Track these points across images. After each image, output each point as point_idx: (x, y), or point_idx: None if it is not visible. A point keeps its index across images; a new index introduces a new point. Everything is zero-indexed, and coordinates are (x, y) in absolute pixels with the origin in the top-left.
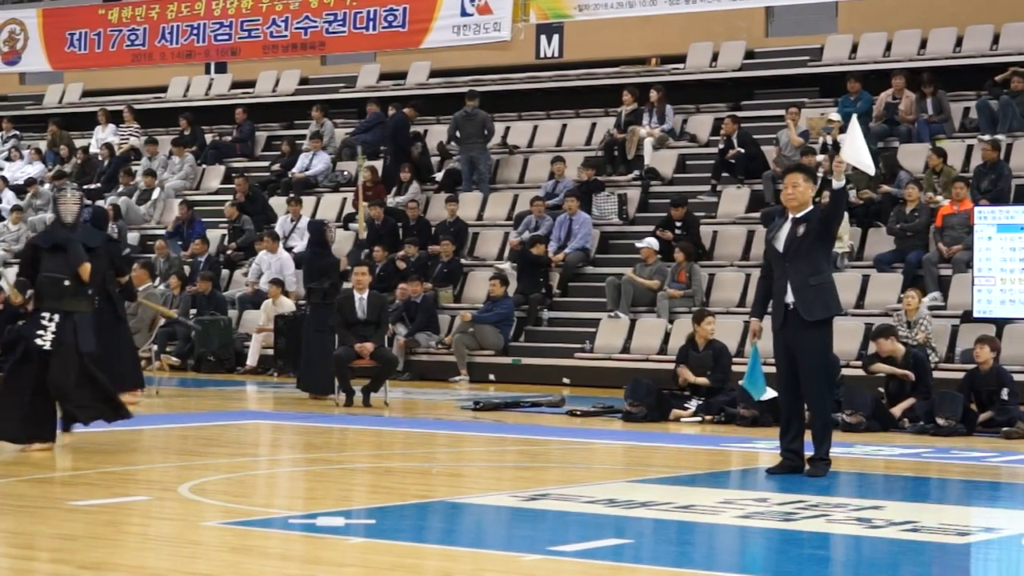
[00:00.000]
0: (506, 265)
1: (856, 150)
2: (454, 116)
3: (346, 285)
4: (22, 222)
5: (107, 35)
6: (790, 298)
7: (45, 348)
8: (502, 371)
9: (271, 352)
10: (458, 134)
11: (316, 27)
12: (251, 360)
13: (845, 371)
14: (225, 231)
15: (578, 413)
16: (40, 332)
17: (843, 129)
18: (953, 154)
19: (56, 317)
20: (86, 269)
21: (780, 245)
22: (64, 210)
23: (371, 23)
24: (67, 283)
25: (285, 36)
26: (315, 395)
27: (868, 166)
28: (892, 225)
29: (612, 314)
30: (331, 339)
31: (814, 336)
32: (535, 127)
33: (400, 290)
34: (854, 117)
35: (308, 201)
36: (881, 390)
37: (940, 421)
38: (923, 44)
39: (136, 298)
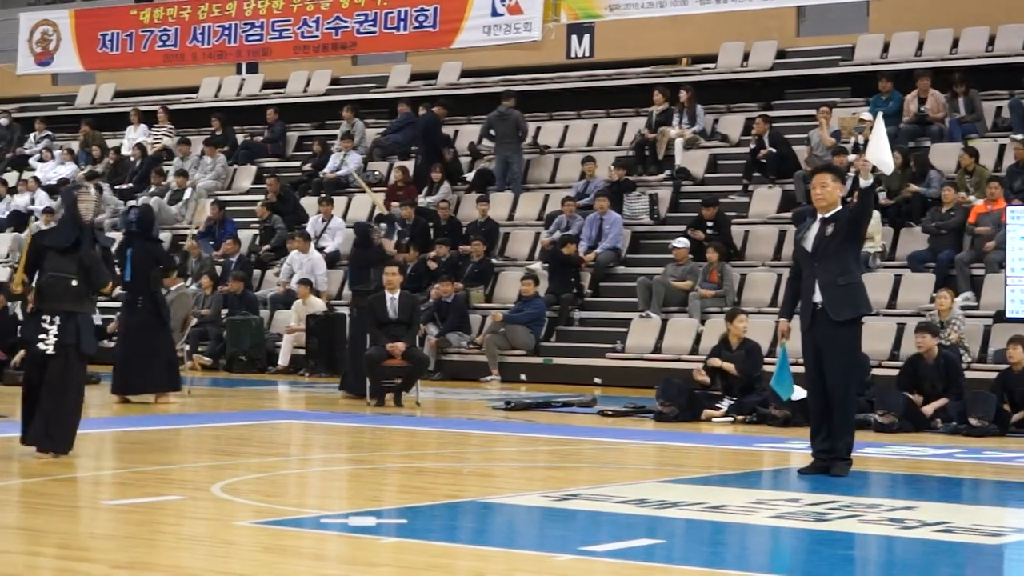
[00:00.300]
0: (537, 265)
1: (878, 148)
2: (488, 116)
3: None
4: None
5: (139, 36)
6: (818, 298)
7: (48, 352)
8: (533, 371)
9: (303, 352)
10: (492, 133)
11: (347, 27)
12: (283, 360)
13: (876, 371)
14: (257, 231)
15: (609, 413)
16: (42, 336)
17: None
18: (985, 154)
19: (57, 319)
20: (111, 288)
21: (809, 245)
22: (83, 209)
23: (402, 23)
24: (74, 283)
25: (316, 36)
26: (356, 396)
27: (887, 164)
28: (928, 223)
29: (643, 314)
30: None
31: (842, 336)
32: (566, 127)
33: (435, 290)
34: (879, 116)
35: (339, 201)
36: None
37: (973, 421)
38: (955, 43)
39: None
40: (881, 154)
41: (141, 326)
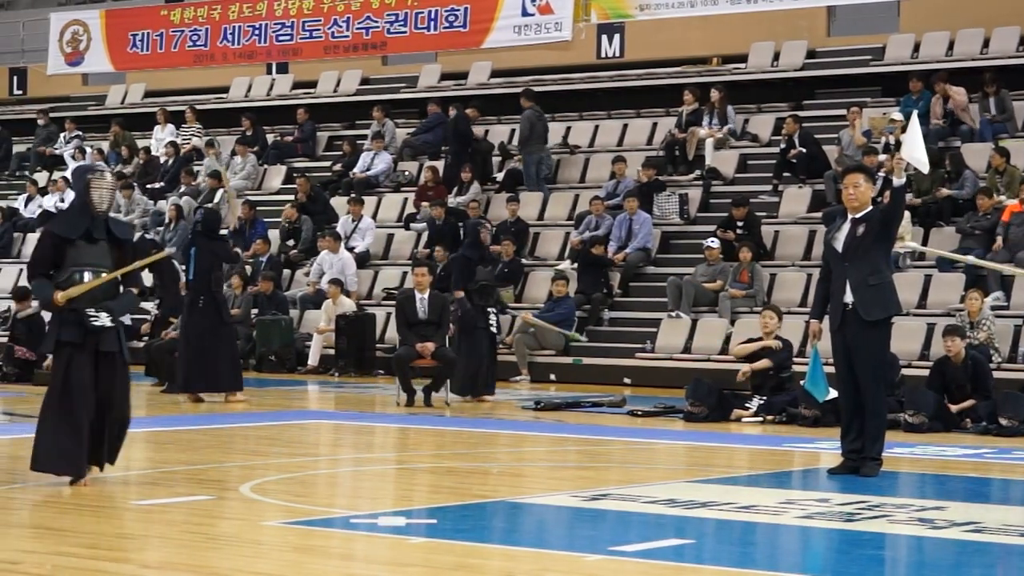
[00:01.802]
0: (566, 264)
1: (914, 147)
2: (527, 116)
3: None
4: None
5: (169, 36)
6: (849, 298)
7: (107, 326)
8: (563, 371)
9: (332, 352)
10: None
11: (377, 27)
12: (312, 360)
13: (906, 371)
14: (287, 231)
15: (639, 413)
16: (92, 320)
17: (905, 128)
18: (1016, 153)
19: (103, 312)
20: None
21: (839, 245)
22: (96, 196)
23: (432, 23)
24: (104, 274)
25: (346, 36)
26: (474, 397)
27: (923, 163)
28: (963, 224)
29: (673, 314)
30: (481, 339)
31: (872, 336)
32: (596, 127)
33: None
34: (914, 114)
35: (369, 201)
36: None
37: (1003, 421)
38: (986, 43)
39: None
40: (917, 152)
41: (202, 326)
